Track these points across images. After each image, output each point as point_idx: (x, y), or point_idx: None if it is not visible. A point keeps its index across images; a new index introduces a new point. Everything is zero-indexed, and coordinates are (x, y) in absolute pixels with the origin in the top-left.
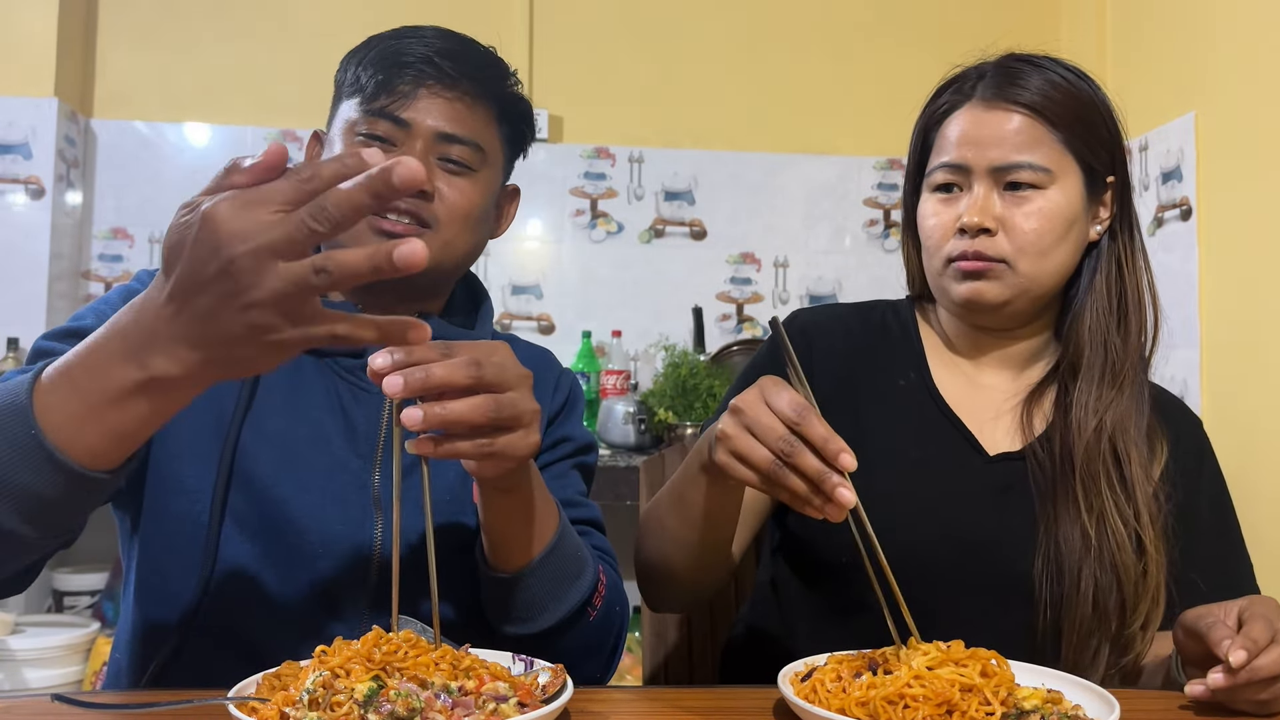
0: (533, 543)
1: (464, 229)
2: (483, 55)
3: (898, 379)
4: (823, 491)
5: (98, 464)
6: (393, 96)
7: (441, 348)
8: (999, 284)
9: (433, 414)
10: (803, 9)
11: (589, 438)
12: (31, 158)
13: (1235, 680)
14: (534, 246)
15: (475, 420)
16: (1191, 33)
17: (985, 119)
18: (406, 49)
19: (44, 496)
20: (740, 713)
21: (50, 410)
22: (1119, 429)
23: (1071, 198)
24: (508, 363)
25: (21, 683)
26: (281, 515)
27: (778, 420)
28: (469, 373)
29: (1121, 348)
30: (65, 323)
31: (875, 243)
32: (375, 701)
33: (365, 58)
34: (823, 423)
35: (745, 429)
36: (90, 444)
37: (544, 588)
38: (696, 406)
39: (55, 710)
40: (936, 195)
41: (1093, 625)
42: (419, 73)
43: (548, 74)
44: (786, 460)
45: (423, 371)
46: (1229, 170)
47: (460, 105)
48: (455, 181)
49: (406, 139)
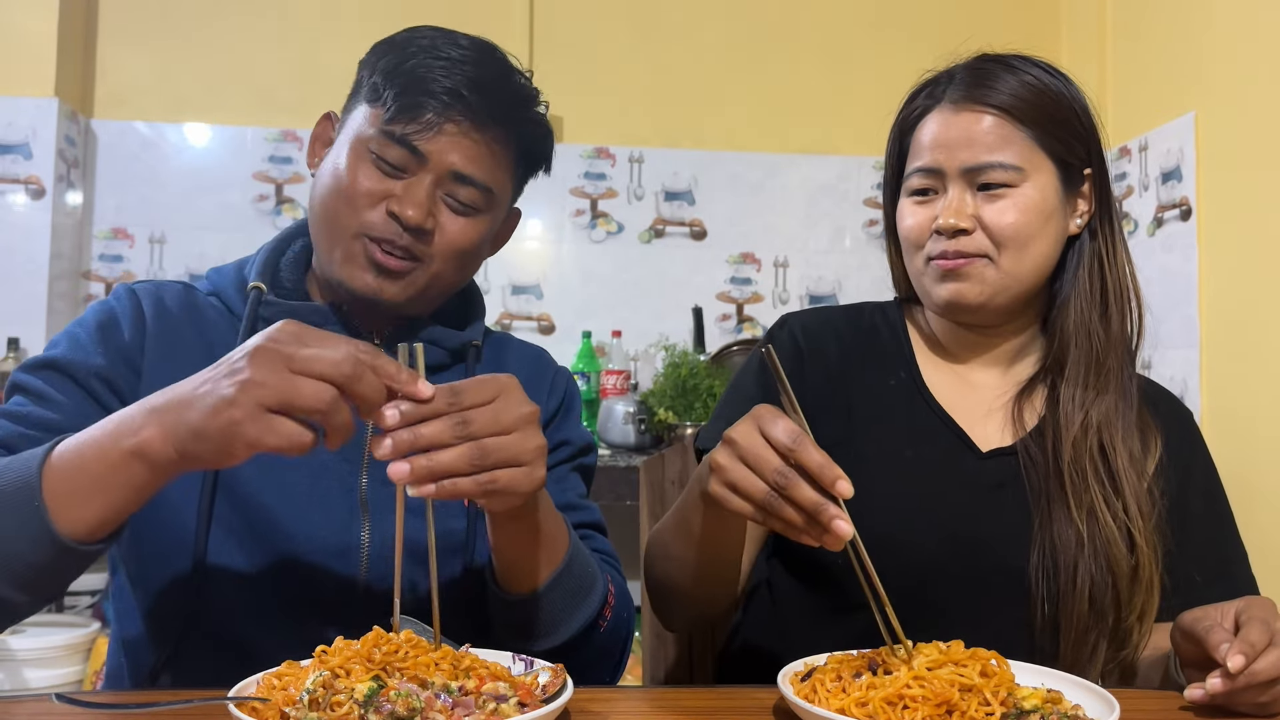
0: (543, 566)
1: (457, 265)
2: (516, 91)
3: (888, 380)
4: (819, 523)
5: (89, 536)
6: (414, 125)
7: (448, 394)
8: (979, 283)
9: (420, 466)
10: (803, 9)
11: (588, 438)
12: (32, 158)
13: (1234, 685)
14: (534, 246)
15: (461, 470)
16: (1191, 33)
17: (956, 121)
18: (438, 73)
19: (37, 565)
20: (740, 713)
21: (55, 482)
22: (1105, 425)
23: (1046, 193)
24: (506, 406)
25: (21, 683)
26: (268, 520)
27: (772, 451)
28: (456, 433)
29: (1105, 341)
30: (41, 352)
31: (875, 243)
32: (375, 701)
33: (395, 67)
34: (818, 450)
35: (739, 460)
36: (85, 517)
37: (556, 608)
38: (696, 406)
39: (56, 710)
40: (913, 198)
41: (1090, 621)
42: (446, 105)
43: (548, 74)
44: (782, 492)
45: (410, 434)
46: (1228, 170)
47: (482, 147)
48: (457, 220)
49: (418, 169)
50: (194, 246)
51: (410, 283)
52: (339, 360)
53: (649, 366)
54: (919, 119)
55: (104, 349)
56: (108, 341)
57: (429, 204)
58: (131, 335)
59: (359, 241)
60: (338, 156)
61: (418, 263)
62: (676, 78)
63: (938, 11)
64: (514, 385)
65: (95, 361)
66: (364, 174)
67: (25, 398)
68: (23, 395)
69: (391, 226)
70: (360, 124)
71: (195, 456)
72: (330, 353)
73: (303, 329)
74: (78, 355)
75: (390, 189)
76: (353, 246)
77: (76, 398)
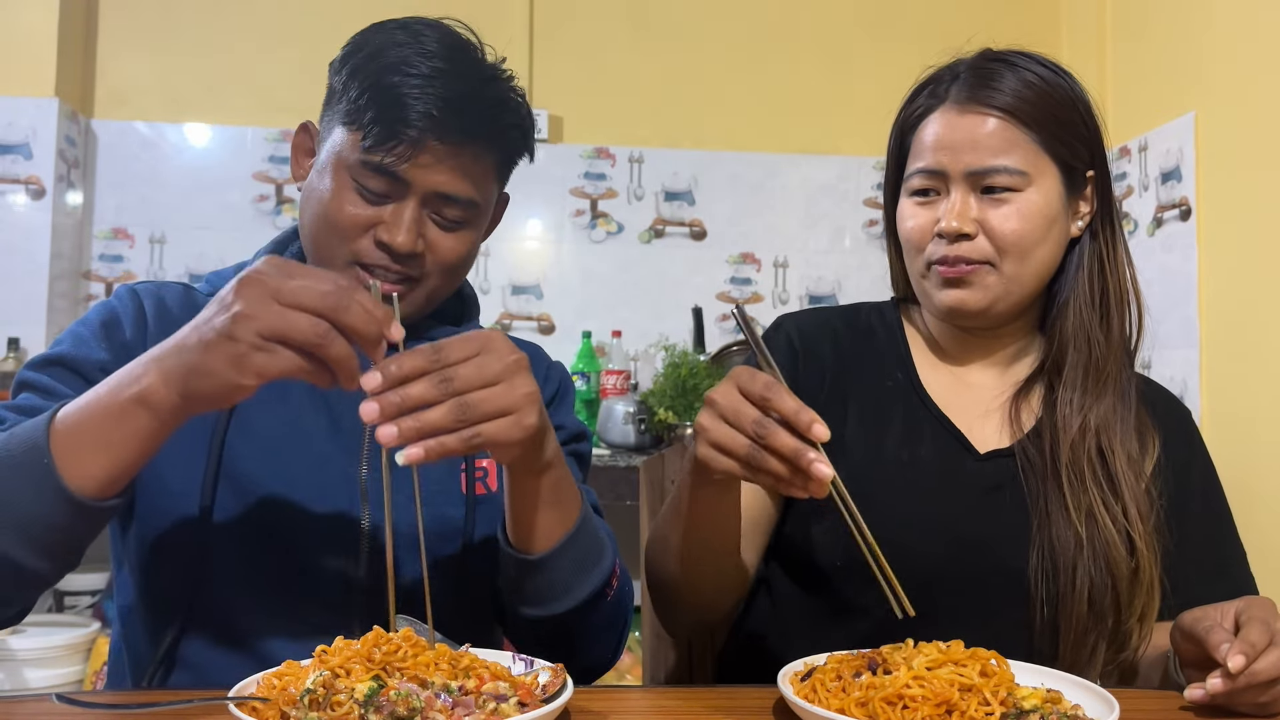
0: (558, 525)
1: (451, 278)
2: (492, 100)
3: (885, 380)
4: (800, 469)
5: (100, 492)
6: (393, 154)
7: (430, 352)
8: (981, 290)
9: (406, 426)
10: (803, 9)
11: (581, 426)
12: (32, 158)
13: (1234, 685)
14: (534, 246)
15: (447, 425)
16: (1191, 33)
17: (960, 123)
18: (412, 95)
19: (53, 526)
20: (740, 713)
21: (62, 439)
22: (1104, 427)
23: (1050, 198)
24: (489, 357)
25: (21, 683)
26: (269, 512)
27: (749, 404)
28: (440, 390)
29: (1105, 345)
30: (46, 350)
31: (875, 243)
32: (375, 701)
33: (370, 85)
34: (792, 396)
35: (720, 418)
36: (94, 472)
37: (568, 570)
38: (696, 406)
39: (56, 710)
40: (914, 199)
41: (1089, 623)
42: (422, 130)
43: (548, 74)
44: (761, 442)
45: (397, 396)
46: (1228, 170)
47: (464, 164)
48: (446, 236)
49: (403, 194)
50: (194, 246)
51: (410, 301)
52: (326, 291)
53: (649, 366)
54: (921, 118)
55: (108, 345)
56: (111, 338)
57: (416, 228)
58: (133, 333)
59: (352, 269)
60: (322, 181)
61: (414, 282)
62: (676, 78)
63: (937, 12)
64: (498, 337)
65: (100, 356)
66: (349, 202)
67: (33, 393)
68: (30, 391)
69: (381, 255)
70: (340, 147)
71: (198, 396)
72: (316, 284)
73: (287, 263)
74: (82, 351)
75: (377, 216)
76: (347, 274)
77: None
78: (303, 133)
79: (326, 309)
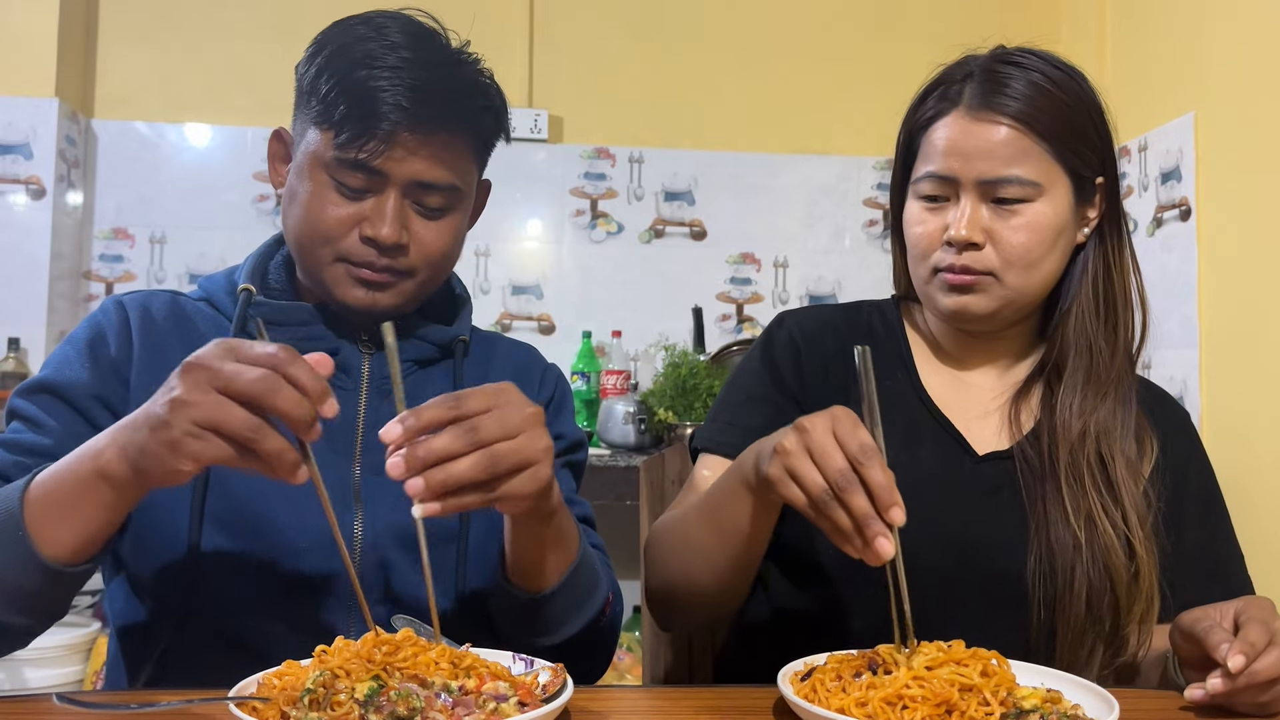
0: (556, 567)
1: (438, 270)
2: (461, 84)
3: (885, 380)
4: (864, 535)
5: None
6: (366, 151)
7: (450, 402)
8: (986, 296)
9: (434, 480)
10: (802, 9)
11: (579, 434)
12: (32, 158)
13: (1234, 685)
14: (534, 246)
15: (475, 478)
16: (1191, 33)
17: (972, 130)
18: (381, 88)
19: (32, 591)
20: (740, 712)
21: (34, 509)
22: (1104, 434)
23: (1060, 209)
24: (509, 409)
25: (21, 683)
26: (259, 514)
27: (841, 454)
28: (466, 440)
29: (1108, 352)
30: (33, 376)
31: (875, 243)
32: (375, 701)
33: (338, 84)
34: (886, 470)
35: (806, 451)
36: (64, 540)
37: (566, 605)
38: (696, 406)
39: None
40: (923, 203)
41: (1086, 625)
42: (394, 122)
43: (548, 74)
44: (839, 495)
45: (423, 450)
46: (1228, 170)
47: (439, 150)
48: (430, 226)
49: (382, 187)
50: (194, 246)
51: (400, 292)
52: (254, 378)
53: (649, 366)
54: (932, 120)
55: (93, 366)
56: (96, 358)
57: (399, 219)
58: (118, 349)
59: (340, 266)
60: (300, 183)
61: (403, 275)
62: (676, 78)
63: (938, 12)
64: (512, 388)
65: (85, 380)
66: (330, 201)
67: (20, 424)
68: (19, 421)
69: (368, 250)
70: (315, 148)
71: (148, 474)
72: (246, 371)
73: (231, 344)
74: (66, 375)
75: (359, 212)
76: (335, 271)
77: (68, 419)
78: (276, 140)
79: (255, 395)
